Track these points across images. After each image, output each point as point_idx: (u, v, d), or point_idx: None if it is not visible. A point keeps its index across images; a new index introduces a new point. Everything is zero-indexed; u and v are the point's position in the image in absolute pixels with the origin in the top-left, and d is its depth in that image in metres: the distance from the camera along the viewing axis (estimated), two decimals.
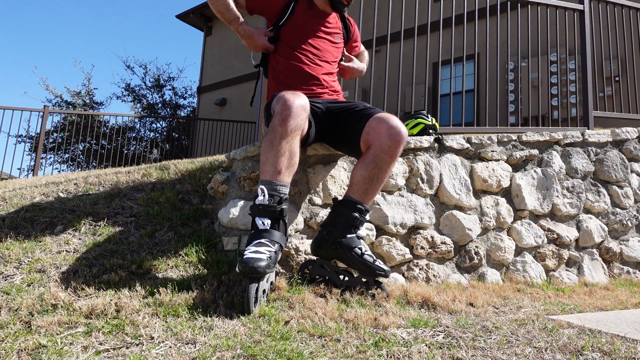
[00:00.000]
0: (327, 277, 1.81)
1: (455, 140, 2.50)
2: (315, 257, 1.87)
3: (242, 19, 2.08)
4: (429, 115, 2.66)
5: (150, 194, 2.28)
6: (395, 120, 1.83)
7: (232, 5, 2.05)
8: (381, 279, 1.83)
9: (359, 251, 1.77)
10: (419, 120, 2.61)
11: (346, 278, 1.82)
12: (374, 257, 1.78)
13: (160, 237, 1.94)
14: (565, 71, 5.55)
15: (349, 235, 1.78)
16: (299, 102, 1.72)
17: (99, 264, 1.70)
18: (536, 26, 3.41)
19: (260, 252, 1.53)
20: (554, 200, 2.70)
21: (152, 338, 1.23)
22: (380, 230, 2.18)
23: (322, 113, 1.95)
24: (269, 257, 1.53)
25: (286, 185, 1.69)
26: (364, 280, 1.81)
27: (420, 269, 2.20)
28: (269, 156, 1.67)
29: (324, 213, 2.03)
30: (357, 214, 1.78)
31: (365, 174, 1.79)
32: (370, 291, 1.77)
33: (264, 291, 1.57)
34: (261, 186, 1.65)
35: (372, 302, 1.70)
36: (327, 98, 2.03)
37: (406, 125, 2.49)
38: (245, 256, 1.51)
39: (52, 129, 10.61)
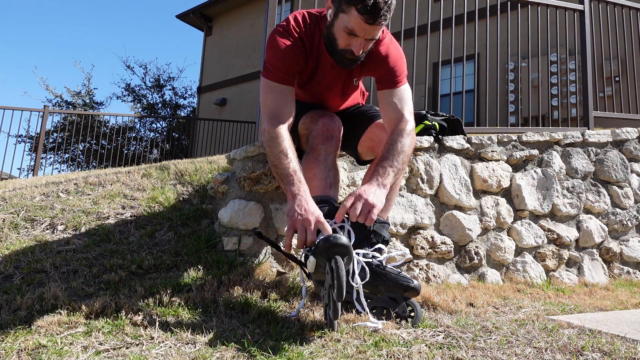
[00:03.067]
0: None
1: (455, 141, 2.50)
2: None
3: (299, 177, 1.50)
4: (429, 115, 2.66)
5: (150, 193, 2.28)
6: None
7: (289, 153, 1.52)
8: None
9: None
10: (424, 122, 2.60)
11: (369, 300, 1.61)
12: (398, 271, 1.61)
13: (160, 237, 1.94)
14: (565, 71, 5.55)
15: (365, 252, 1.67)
16: (338, 125, 1.74)
17: (99, 264, 1.70)
18: (536, 26, 3.41)
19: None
20: (554, 200, 2.70)
21: (152, 338, 1.23)
22: None
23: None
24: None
25: (335, 202, 1.60)
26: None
27: (420, 269, 2.20)
28: (316, 171, 1.62)
29: None
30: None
31: None
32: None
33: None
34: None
35: None
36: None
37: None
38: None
39: (52, 129, 10.62)
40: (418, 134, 2.54)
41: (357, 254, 1.55)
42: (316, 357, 1.17)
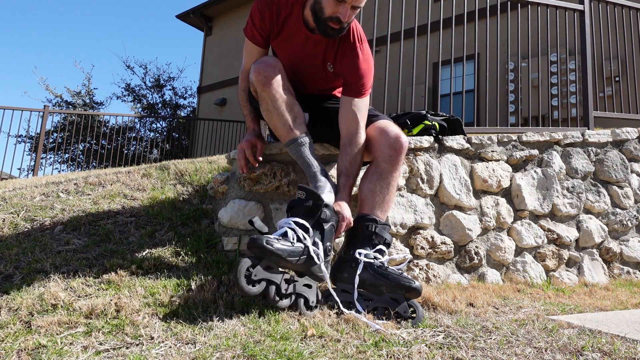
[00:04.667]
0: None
1: (455, 141, 2.50)
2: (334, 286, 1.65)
3: (250, 118, 1.97)
4: (429, 115, 2.66)
5: (150, 193, 2.28)
6: (395, 129, 1.81)
7: (246, 102, 1.97)
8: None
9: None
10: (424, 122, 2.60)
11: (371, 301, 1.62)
12: (400, 271, 1.64)
13: (160, 237, 1.94)
14: (565, 71, 5.55)
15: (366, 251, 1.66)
16: (266, 61, 1.79)
17: (99, 264, 1.70)
18: (536, 26, 3.41)
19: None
20: (554, 200, 2.70)
21: (152, 338, 1.23)
22: None
23: (314, 104, 1.96)
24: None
25: (305, 134, 1.77)
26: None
27: (420, 269, 2.20)
28: (274, 121, 1.76)
29: None
30: (370, 224, 1.69)
31: (371, 185, 1.77)
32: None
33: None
34: (288, 147, 1.76)
35: None
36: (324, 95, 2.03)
37: (413, 129, 2.49)
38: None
39: (52, 129, 10.64)
40: (418, 134, 2.54)
41: (359, 254, 1.63)
42: (316, 357, 1.17)
